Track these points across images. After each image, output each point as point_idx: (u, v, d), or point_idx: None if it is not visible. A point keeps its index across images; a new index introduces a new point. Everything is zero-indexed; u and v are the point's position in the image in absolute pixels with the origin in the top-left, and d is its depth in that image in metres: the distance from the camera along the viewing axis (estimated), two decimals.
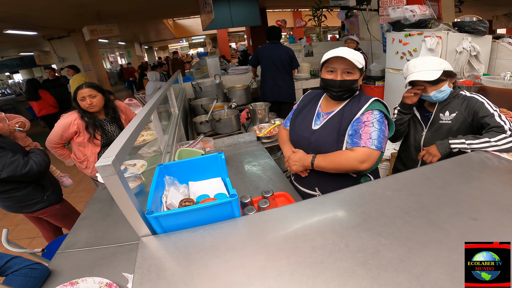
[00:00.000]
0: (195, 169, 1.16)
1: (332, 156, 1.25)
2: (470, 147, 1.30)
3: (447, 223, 0.81)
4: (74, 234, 1.32)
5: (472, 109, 1.41)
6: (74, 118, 2.00)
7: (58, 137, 2.03)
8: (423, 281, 0.64)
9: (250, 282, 0.70)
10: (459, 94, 1.48)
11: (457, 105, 1.46)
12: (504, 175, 1.07)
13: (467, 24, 2.77)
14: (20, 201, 1.83)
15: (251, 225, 0.89)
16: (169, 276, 0.74)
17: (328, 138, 1.30)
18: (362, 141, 1.19)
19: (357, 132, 1.22)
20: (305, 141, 1.38)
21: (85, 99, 1.99)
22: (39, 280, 1.01)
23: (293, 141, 1.47)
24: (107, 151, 0.72)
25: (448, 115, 1.47)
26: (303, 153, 1.36)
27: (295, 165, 1.37)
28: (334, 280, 0.67)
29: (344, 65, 1.23)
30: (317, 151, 1.33)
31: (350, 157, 1.20)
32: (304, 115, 1.44)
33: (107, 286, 0.95)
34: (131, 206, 0.77)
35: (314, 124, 1.38)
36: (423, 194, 0.94)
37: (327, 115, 1.35)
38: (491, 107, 1.37)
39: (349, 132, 1.26)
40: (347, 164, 1.21)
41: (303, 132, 1.40)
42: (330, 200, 0.96)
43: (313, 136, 1.35)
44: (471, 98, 1.43)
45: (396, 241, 0.76)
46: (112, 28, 7.03)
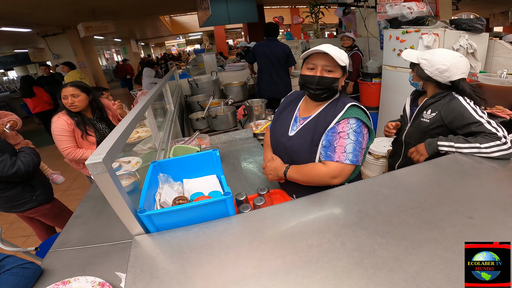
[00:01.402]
0: (190, 166, 1.14)
1: (305, 169, 1.17)
2: (458, 151, 1.23)
3: (443, 222, 0.80)
4: (67, 232, 1.30)
5: (453, 111, 1.33)
6: (65, 118, 1.98)
7: (64, 139, 1.97)
8: (419, 281, 0.63)
9: (245, 281, 0.69)
10: (449, 94, 1.41)
11: (440, 105, 1.40)
12: (499, 172, 1.07)
13: (464, 22, 2.76)
14: (9, 201, 1.80)
15: (245, 223, 0.88)
16: (162, 276, 0.73)
17: (301, 146, 1.22)
18: (336, 155, 1.10)
19: (331, 144, 1.12)
20: (282, 147, 1.30)
21: (66, 98, 1.96)
22: (31, 280, 0.99)
23: (272, 146, 1.40)
24: (98, 149, 0.71)
25: (429, 114, 1.44)
26: (280, 163, 1.28)
27: (270, 174, 1.30)
28: (329, 280, 0.67)
29: (325, 61, 1.14)
30: (290, 159, 1.26)
31: (322, 171, 1.12)
32: (284, 118, 1.35)
33: (100, 285, 0.93)
34: (123, 205, 0.76)
35: (291, 129, 1.29)
36: (419, 191, 0.94)
37: (304, 120, 1.25)
38: (477, 114, 1.28)
39: (323, 143, 1.16)
40: (319, 178, 1.13)
41: (280, 137, 1.32)
42: (326, 198, 0.95)
43: (288, 142, 1.27)
44: (455, 100, 1.36)
45: (392, 240, 0.75)
46: (107, 25, 6.96)
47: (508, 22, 10.06)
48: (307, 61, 1.20)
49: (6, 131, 2.10)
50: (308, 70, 1.18)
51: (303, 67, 1.22)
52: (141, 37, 18.10)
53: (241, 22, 6.22)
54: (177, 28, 14.99)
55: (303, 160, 1.21)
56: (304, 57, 1.21)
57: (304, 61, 1.23)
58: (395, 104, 3.33)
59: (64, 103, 1.98)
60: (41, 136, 5.97)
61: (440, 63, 1.36)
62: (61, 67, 5.92)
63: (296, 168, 1.20)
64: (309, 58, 1.19)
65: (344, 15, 4.56)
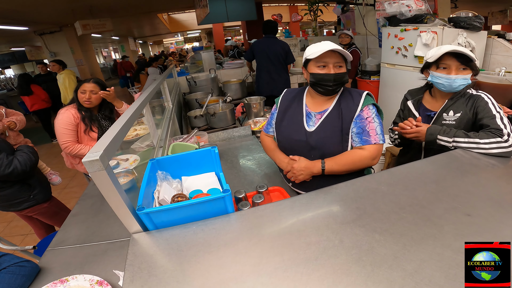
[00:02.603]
0: (188, 164, 1.14)
1: (344, 159, 1.22)
2: (455, 145, 1.23)
3: (442, 219, 0.80)
4: (64, 231, 1.30)
5: (477, 107, 1.33)
6: (73, 112, 1.98)
7: (66, 132, 1.96)
8: (417, 278, 0.63)
9: (243, 278, 0.68)
10: (465, 92, 1.39)
11: (462, 104, 1.37)
12: (498, 169, 1.07)
13: (462, 20, 2.76)
14: (6, 200, 1.79)
15: (244, 220, 0.88)
16: (160, 273, 0.72)
17: (330, 139, 1.25)
18: (372, 138, 1.21)
19: (364, 130, 1.22)
20: (302, 144, 1.30)
21: (85, 93, 1.98)
22: (28, 278, 0.99)
23: (284, 147, 1.39)
24: (95, 146, 0.70)
25: (452, 115, 1.38)
26: (306, 160, 1.27)
27: (301, 174, 1.26)
28: (328, 278, 0.66)
29: (335, 58, 1.21)
30: (320, 153, 1.27)
31: (364, 156, 1.21)
32: (291, 117, 1.35)
33: (98, 283, 0.93)
34: (120, 202, 0.75)
35: (308, 125, 1.30)
36: (417, 189, 0.94)
37: (321, 114, 1.29)
38: (495, 108, 1.28)
39: (353, 130, 1.24)
40: (361, 163, 1.22)
41: (294, 135, 1.32)
42: (325, 195, 0.95)
43: (311, 138, 1.27)
44: (477, 97, 1.35)
45: (390, 237, 0.75)
46: (105, 23, 6.92)
47: (506, 20, 10.08)
48: (316, 59, 1.22)
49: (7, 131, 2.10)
50: (319, 68, 1.23)
51: (312, 66, 1.25)
52: (139, 35, 18.03)
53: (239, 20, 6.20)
54: (175, 26, 14.91)
55: (335, 151, 1.25)
56: (312, 57, 1.22)
57: (309, 60, 1.25)
58: (394, 101, 3.33)
59: (80, 97, 1.99)
60: (39, 134, 5.95)
61: None
62: (51, 65, 5.29)
63: (333, 160, 1.23)
64: (318, 57, 1.21)
65: (342, 13, 4.56)
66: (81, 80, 2.01)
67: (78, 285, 0.94)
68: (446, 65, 1.35)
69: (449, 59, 1.34)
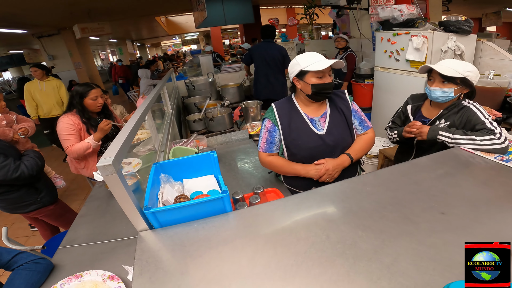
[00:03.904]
0: (189, 167, 1.22)
1: (361, 145, 1.47)
2: (453, 141, 1.38)
3: (419, 217, 0.89)
4: (73, 231, 1.38)
5: (466, 118, 1.46)
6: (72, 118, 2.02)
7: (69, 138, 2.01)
8: (393, 270, 0.72)
9: (240, 270, 0.77)
10: (460, 104, 1.50)
11: (454, 114, 1.50)
12: (474, 171, 1.16)
13: (452, 24, 2.84)
14: (13, 203, 1.86)
15: (241, 219, 0.96)
16: (166, 267, 0.81)
17: (343, 134, 1.45)
18: (368, 124, 1.52)
19: (361, 119, 1.49)
20: (320, 148, 1.40)
21: (97, 99, 2.05)
22: (43, 274, 1.07)
23: (302, 157, 1.43)
24: (107, 152, 0.79)
25: (443, 123, 1.52)
26: (332, 160, 1.39)
27: (336, 172, 1.39)
28: (315, 269, 0.75)
29: (327, 68, 1.33)
30: (340, 149, 1.45)
31: (371, 137, 1.50)
32: (298, 128, 1.41)
33: (109, 278, 1.01)
34: (130, 203, 0.84)
35: (318, 130, 1.41)
36: (399, 189, 1.03)
37: (323, 117, 1.43)
38: (483, 115, 1.42)
39: (355, 122, 1.48)
40: (372, 143, 1.51)
41: (310, 142, 1.40)
42: (315, 195, 1.04)
43: (328, 139, 1.40)
44: (467, 108, 1.47)
45: (371, 233, 0.84)
46: (103, 26, 6.98)
47: (500, 21, 10.21)
48: (316, 71, 1.31)
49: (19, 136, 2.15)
50: (318, 79, 1.33)
51: (310, 77, 1.33)
52: (137, 37, 18.06)
53: (237, 23, 6.28)
54: (173, 29, 14.99)
55: (349, 143, 1.48)
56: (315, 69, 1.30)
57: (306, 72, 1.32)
58: (387, 105, 3.43)
59: (91, 104, 2.05)
60: (39, 138, 5.97)
61: (476, 71, 1.47)
62: (33, 71, 4.19)
63: (353, 149, 1.46)
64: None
65: (338, 17, 4.65)
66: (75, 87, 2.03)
67: (91, 280, 1.02)
68: (432, 78, 1.52)
69: (435, 72, 1.48)
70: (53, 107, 4.28)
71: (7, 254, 1.05)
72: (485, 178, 1.10)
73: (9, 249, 1.08)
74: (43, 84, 4.19)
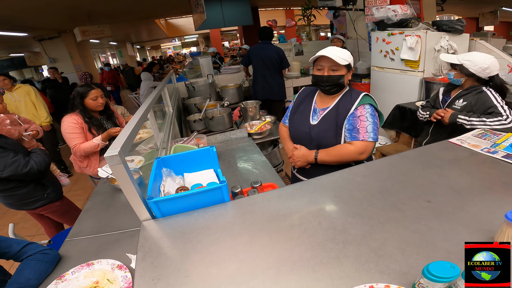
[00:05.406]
0: (190, 162, 1.28)
1: (334, 151, 1.42)
2: (469, 123, 1.72)
3: (405, 205, 0.94)
4: (79, 224, 1.44)
5: (480, 101, 1.76)
6: (75, 117, 2.10)
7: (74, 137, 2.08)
8: (380, 254, 0.77)
9: (237, 254, 0.82)
10: (479, 88, 1.81)
11: (471, 96, 1.82)
12: (461, 163, 1.21)
13: (445, 23, 2.92)
14: (21, 198, 1.93)
15: (238, 208, 1.02)
16: (167, 252, 0.86)
17: (327, 133, 1.44)
18: (360, 135, 1.37)
19: (354, 127, 1.38)
20: (305, 135, 1.51)
21: (97, 99, 2.12)
22: (50, 264, 1.12)
23: (293, 136, 1.61)
24: (113, 144, 0.85)
25: (460, 102, 1.86)
26: (305, 149, 1.50)
27: (299, 160, 1.52)
28: (307, 252, 0.80)
29: (330, 63, 1.37)
30: (317, 144, 1.47)
31: (350, 150, 1.38)
32: (302, 111, 1.56)
33: (118, 267, 1.07)
34: (134, 192, 0.90)
35: (312, 119, 1.50)
36: (387, 179, 1.08)
37: (323, 111, 1.48)
38: (496, 100, 1.73)
39: (346, 127, 1.41)
40: (348, 156, 1.39)
41: (301, 127, 1.53)
42: (308, 186, 1.10)
43: (312, 130, 1.48)
44: (483, 92, 1.78)
45: (360, 220, 0.89)
46: (103, 29, 7.05)
47: (497, 21, 10.27)
48: (316, 63, 1.43)
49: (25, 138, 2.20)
50: (317, 71, 1.43)
51: (314, 68, 1.45)
52: (137, 40, 18.17)
53: (236, 25, 6.35)
54: (173, 31, 15.08)
55: (330, 144, 1.44)
56: (312, 61, 1.43)
57: (314, 63, 1.45)
58: (384, 103, 3.48)
59: (92, 104, 2.13)
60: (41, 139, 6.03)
61: (482, 62, 1.76)
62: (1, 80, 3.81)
63: (325, 151, 1.44)
64: (317, 61, 1.42)
65: (334, 18, 4.72)
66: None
67: (101, 268, 1.08)
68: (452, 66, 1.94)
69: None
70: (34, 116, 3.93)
71: (16, 245, 1.11)
72: (471, 169, 1.14)
73: (18, 240, 1.14)
74: (13, 94, 3.86)
